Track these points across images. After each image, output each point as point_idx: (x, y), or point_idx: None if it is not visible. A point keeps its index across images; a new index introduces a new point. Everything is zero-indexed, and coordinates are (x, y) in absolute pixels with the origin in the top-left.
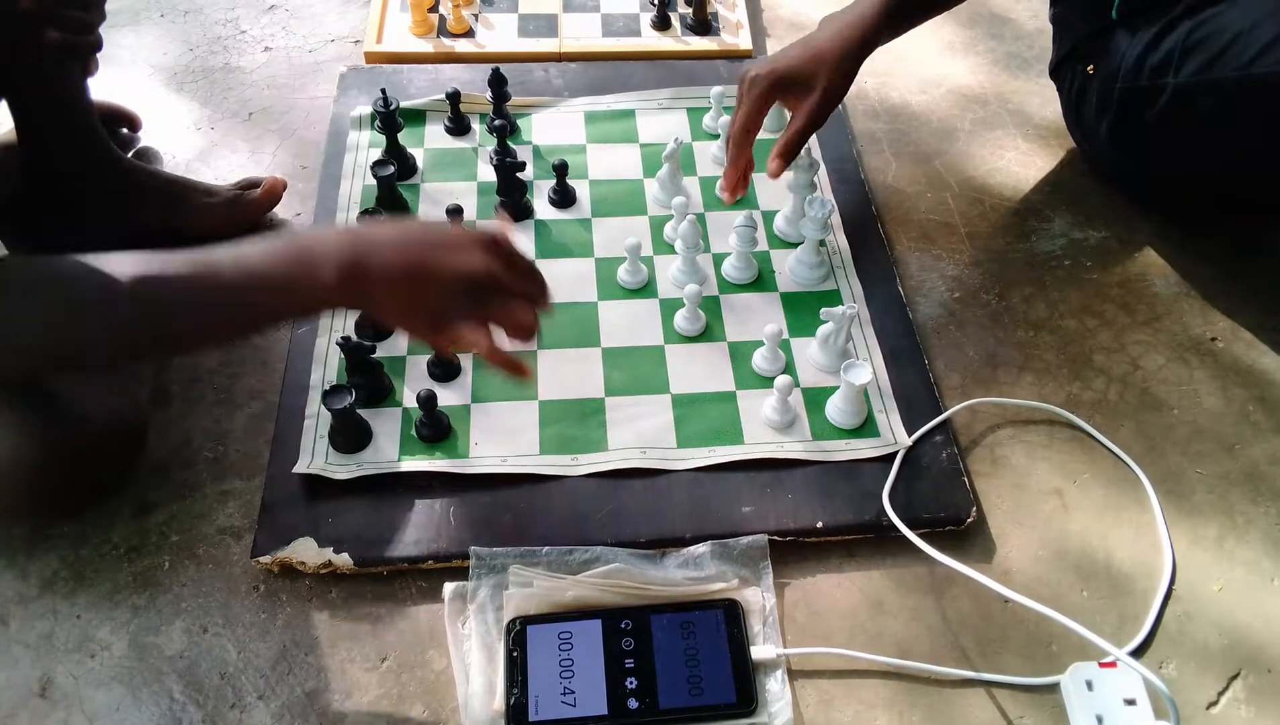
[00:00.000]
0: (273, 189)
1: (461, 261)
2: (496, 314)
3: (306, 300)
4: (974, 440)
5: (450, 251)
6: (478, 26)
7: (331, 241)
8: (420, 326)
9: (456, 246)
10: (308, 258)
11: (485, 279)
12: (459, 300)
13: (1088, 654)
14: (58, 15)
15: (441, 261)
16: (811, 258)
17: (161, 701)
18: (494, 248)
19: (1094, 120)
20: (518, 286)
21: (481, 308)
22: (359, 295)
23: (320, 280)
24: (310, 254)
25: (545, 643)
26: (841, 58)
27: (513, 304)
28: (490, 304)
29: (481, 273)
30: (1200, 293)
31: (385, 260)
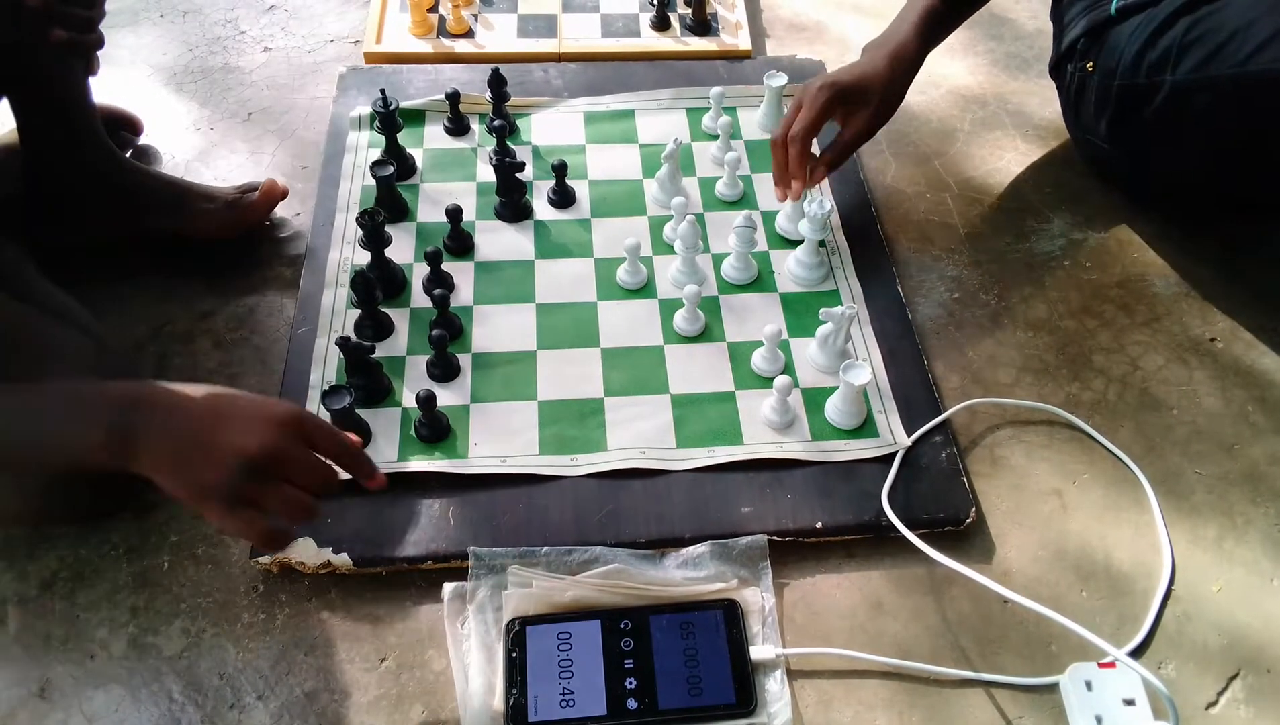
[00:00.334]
0: (270, 192)
1: (238, 441)
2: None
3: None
4: (973, 441)
5: (230, 428)
6: (477, 27)
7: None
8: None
9: (239, 422)
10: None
11: (262, 461)
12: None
13: (1087, 654)
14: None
15: (216, 439)
16: (811, 258)
17: (160, 702)
18: (288, 427)
19: (1093, 118)
20: (300, 473)
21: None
22: (126, 462)
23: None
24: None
25: (544, 643)
26: (894, 78)
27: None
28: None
29: (256, 454)
30: (1200, 293)
31: (156, 431)
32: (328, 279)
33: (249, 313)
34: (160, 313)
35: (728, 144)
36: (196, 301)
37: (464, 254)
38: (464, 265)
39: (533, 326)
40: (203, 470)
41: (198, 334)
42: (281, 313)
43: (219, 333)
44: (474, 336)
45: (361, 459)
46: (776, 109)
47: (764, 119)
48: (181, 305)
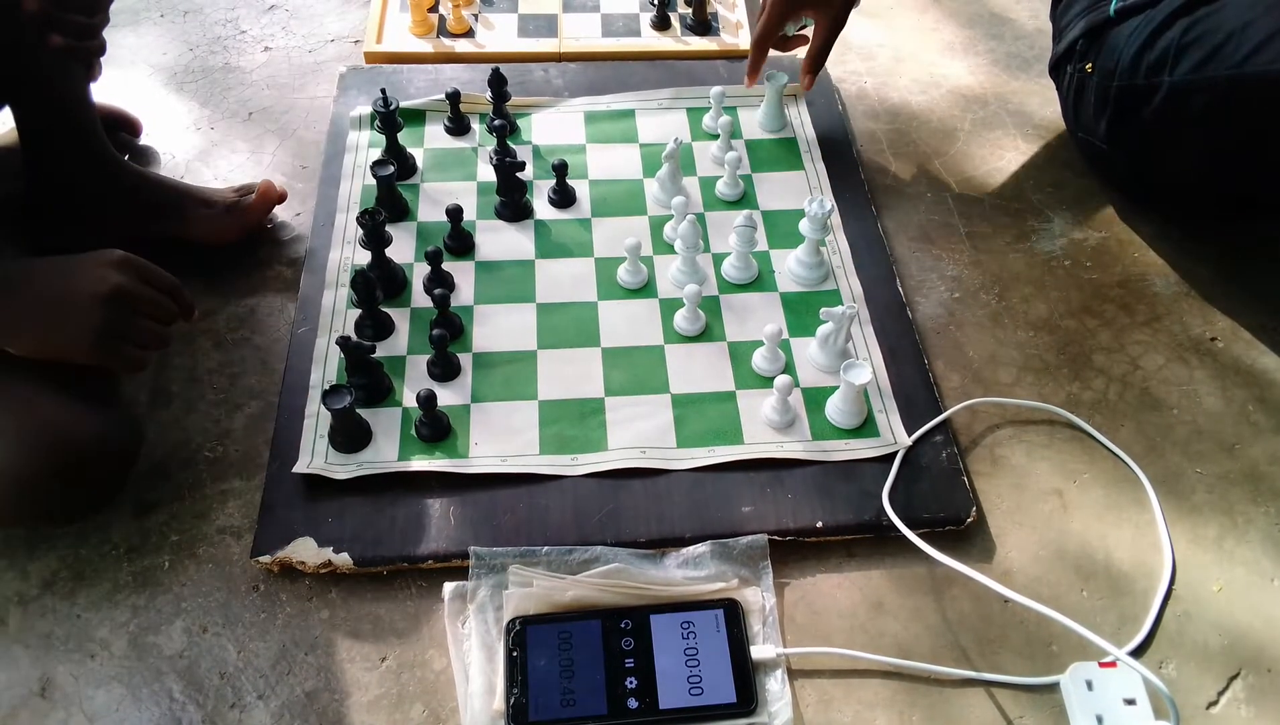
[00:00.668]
0: (266, 195)
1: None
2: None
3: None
4: (974, 440)
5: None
6: (477, 26)
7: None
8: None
9: (87, 273)
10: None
11: (120, 298)
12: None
13: (1088, 654)
14: (61, 19)
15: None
16: (811, 258)
17: (161, 701)
18: (126, 267)
19: (1092, 118)
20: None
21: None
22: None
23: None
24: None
25: (545, 642)
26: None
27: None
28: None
29: (113, 293)
30: (1200, 293)
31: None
32: (328, 279)
33: (249, 313)
34: None
35: (728, 143)
36: (196, 301)
37: (464, 254)
38: (464, 265)
39: (533, 326)
40: (74, 321)
41: (198, 334)
42: (282, 312)
43: (219, 333)
44: (474, 336)
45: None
46: (778, 108)
47: (765, 119)
48: None
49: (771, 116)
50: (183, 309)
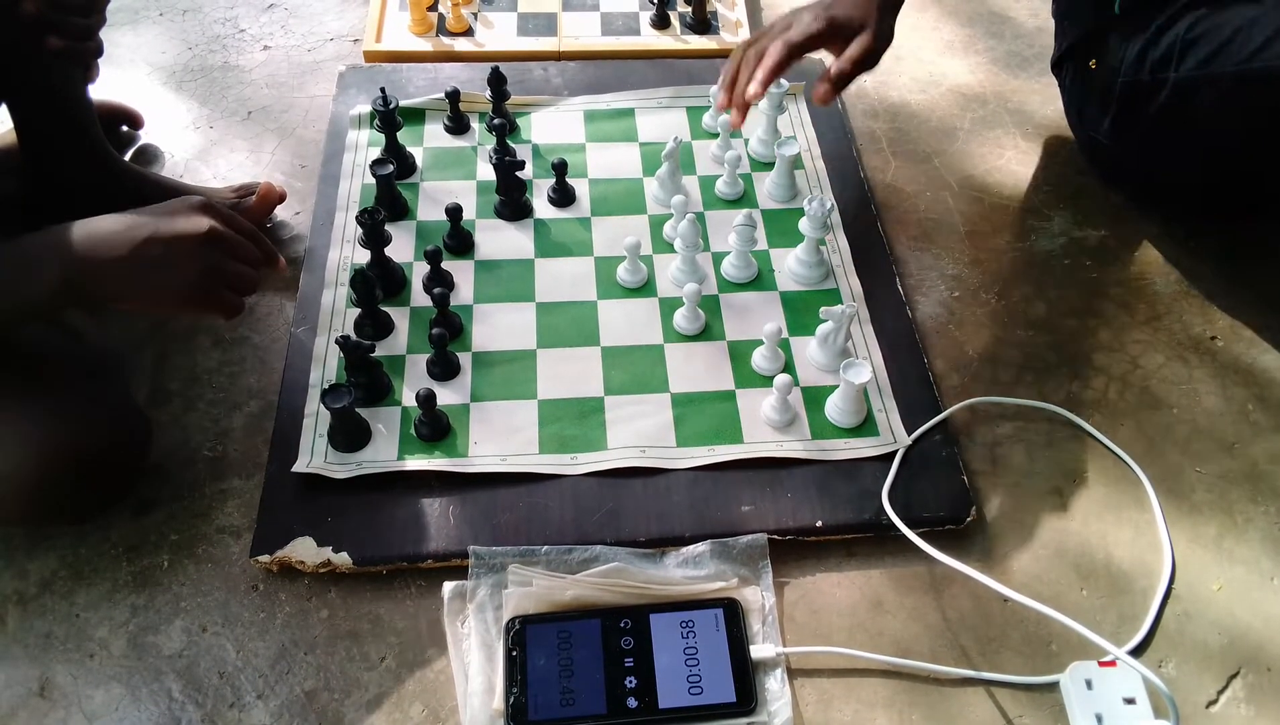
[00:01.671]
0: (266, 197)
1: (188, 228)
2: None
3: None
4: (973, 439)
5: (174, 225)
6: (477, 25)
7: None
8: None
9: (176, 219)
10: (24, 263)
11: (213, 239)
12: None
13: (1087, 653)
14: (59, 21)
15: (170, 231)
16: (811, 257)
17: (160, 701)
18: (210, 209)
19: (1096, 116)
20: (238, 247)
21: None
22: (92, 291)
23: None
24: (28, 259)
25: (544, 642)
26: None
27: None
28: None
29: (208, 235)
30: (1200, 292)
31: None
32: (328, 278)
33: (248, 311)
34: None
35: (728, 142)
36: None
37: (464, 253)
38: (464, 264)
39: (533, 325)
40: (177, 268)
41: (197, 332)
42: (281, 311)
43: (218, 331)
44: (474, 335)
45: (263, 239)
46: (789, 179)
47: (775, 189)
48: None
49: (783, 187)
50: (266, 255)
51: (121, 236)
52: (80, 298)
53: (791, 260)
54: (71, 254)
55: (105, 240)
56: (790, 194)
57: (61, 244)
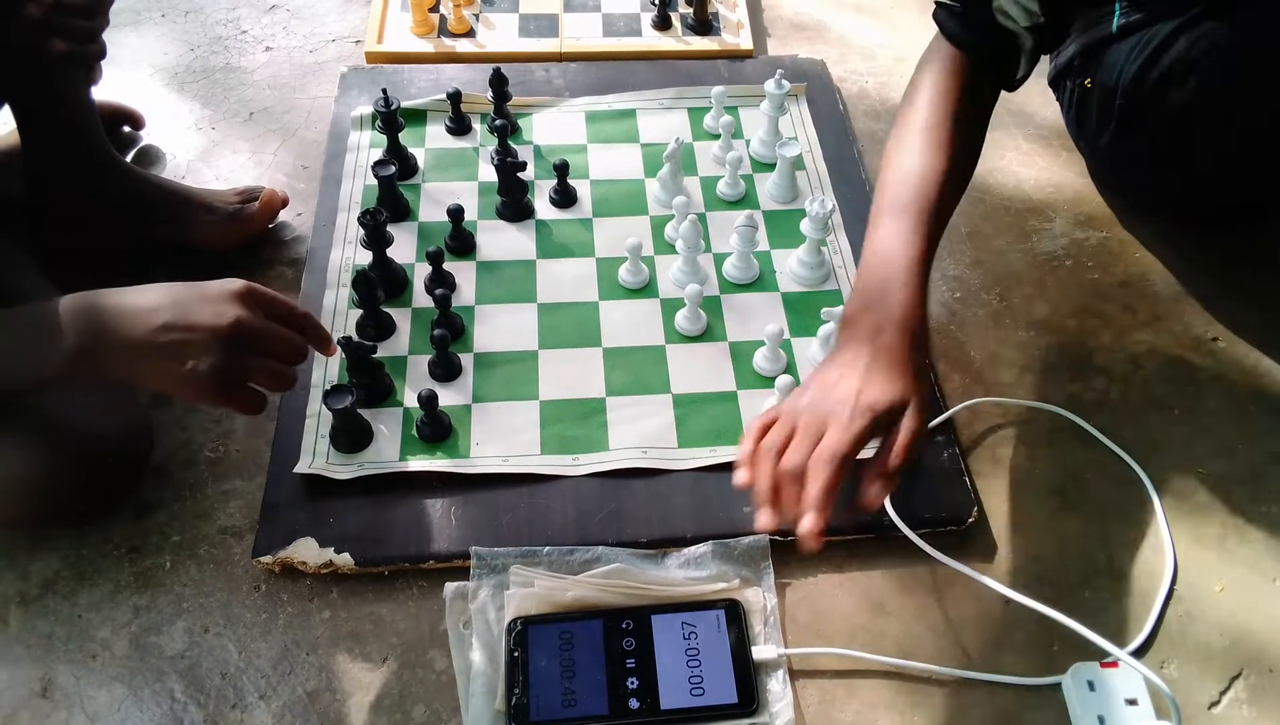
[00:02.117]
0: (270, 203)
1: (214, 321)
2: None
3: (36, 382)
4: (975, 440)
5: (200, 312)
6: (478, 26)
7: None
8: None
9: (205, 305)
10: (36, 338)
11: (239, 335)
12: (223, 358)
13: (1089, 654)
14: (62, 24)
15: (193, 321)
16: (812, 258)
17: (163, 701)
18: (247, 300)
19: (1095, 133)
20: (272, 342)
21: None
22: (101, 370)
23: (55, 359)
24: (40, 334)
25: (546, 643)
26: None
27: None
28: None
29: (232, 327)
30: (1202, 293)
31: (126, 333)
32: (329, 279)
33: None
34: None
35: (729, 143)
36: None
37: (465, 254)
38: (465, 265)
39: (534, 326)
40: (189, 357)
41: None
42: None
43: None
44: (475, 336)
45: (314, 324)
46: (790, 180)
47: (776, 190)
48: None
49: (784, 188)
50: (316, 342)
51: (141, 317)
52: (92, 374)
53: (793, 261)
54: (87, 328)
55: (124, 318)
56: (792, 195)
57: (78, 316)
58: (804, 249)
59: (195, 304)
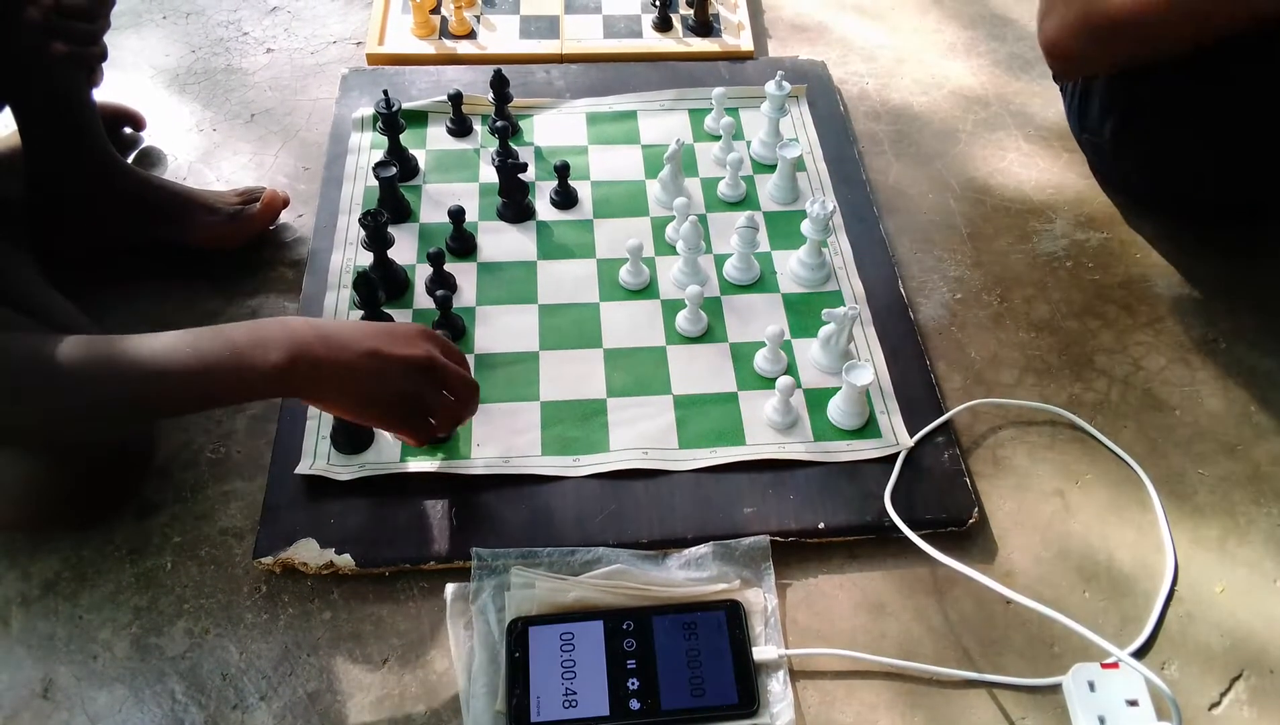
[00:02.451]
0: (271, 203)
1: (408, 351)
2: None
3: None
4: (976, 441)
5: (396, 342)
6: (479, 28)
7: (278, 333)
8: (374, 415)
9: (400, 340)
10: (253, 346)
11: (428, 369)
12: (411, 386)
13: (1090, 655)
14: (63, 26)
15: (391, 350)
16: (813, 259)
17: (163, 702)
18: (434, 341)
19: (1097, 122)
20: (452, 379)
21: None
22: (302, 385)
23: (260, 369)
24: (256, 342)
25: (547, 644)
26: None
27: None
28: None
29: (425, 359)
30: (1202, 293)
31: (333, 357)
32: (330, 280)
33: (251, 314)
34: (162, 314)
35: (730, 145)
36: (199, 303)
37: (466, 255)
38: (466, 266)
39: (535, 327)
40: (379, 385)
41: None
42: (284, 314)
43: None
44: (476, 337)
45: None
46: (790, 181)
47: (777, 191)
48: (184, 307)
49: (785, 189)
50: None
51: (349, 342)
52: (293, 388)
53: (794, 262)
54: (301, 343)
55: (333, 340)
56: (792, 196)
57: (293, 332)
58: (805, 250)
59: (396, 338)
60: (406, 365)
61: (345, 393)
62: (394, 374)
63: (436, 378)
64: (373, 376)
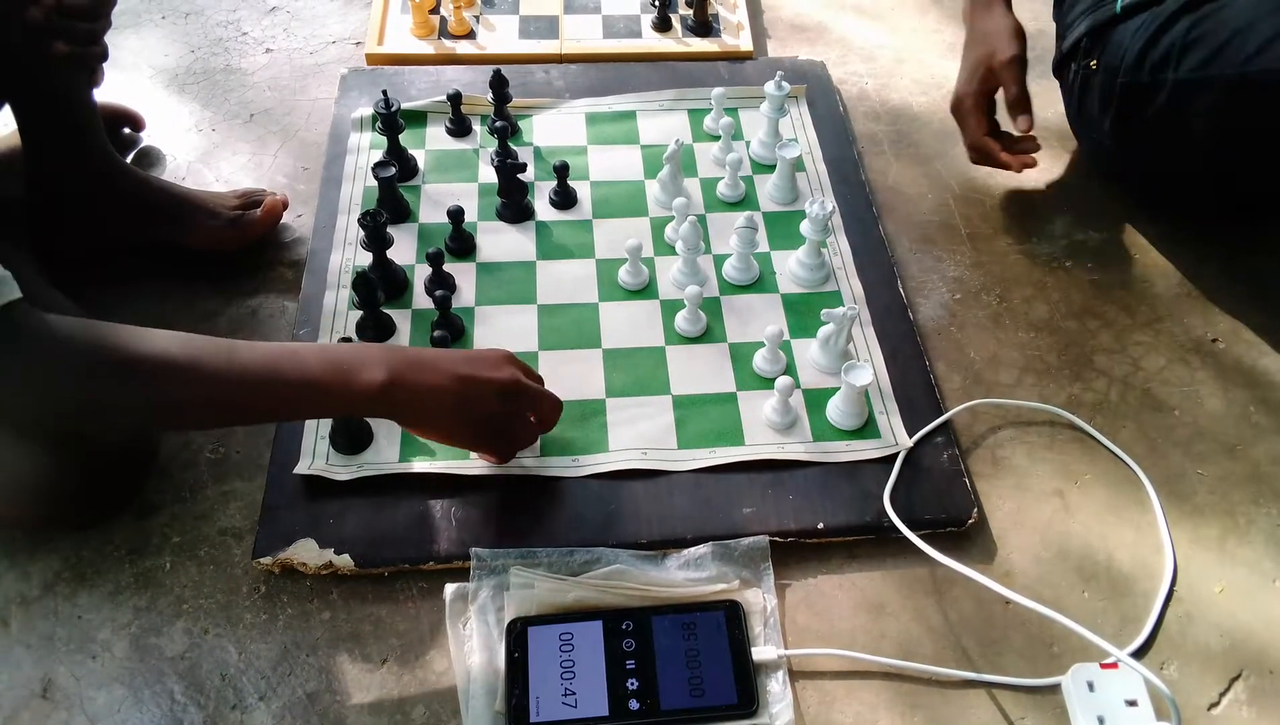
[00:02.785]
0: (273, 210)
1: (496, 374)
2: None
3: (346, 404)
4: (975, 441)
5: (484, 366)
6: (479, 28)
7: (378, 354)
8: (465, 435)
9: (487, 364)
10: (355, 364)
11: (514, 391)
12: (500, 407)
13: (1089, 655)
14: (64, 26)
15: (480, 374)
16: (812, 259)
17: (163, 702)
18: (515, 363)
19: (1096, 116)
20: (536, 400)
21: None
22: (398, 404)
23: (360, 386)
24: (358, 361)
25: (546, 644)
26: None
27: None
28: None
29: (512, 383)
30: (1201, 293)
31: (425, 380)
32: (329, 280)
33: (251, 314)
34: (161, 314)
35: (729, 145)
36: (198, 303)
37: (465, 255)
38: (465, 266)
39: (534, 327)
40: (470, 406)
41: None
42: (283, 314)
43: (221, 334)
44: (475, 337)
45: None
46: (790, 181)
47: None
48: (183, 306)
49: (784, 189)
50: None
51: (440, 366)
52: (390, 407)
53: (793, 262)
54: (397, 366)
55: (426, 365)
56: (792, 196)
57: (390, 356)
58: (804, 250)
59: (484, 364)
60: (495, 388)
61: (438, 414)
62: (483, 397)
63: (522, 400)
64: (463, 399)
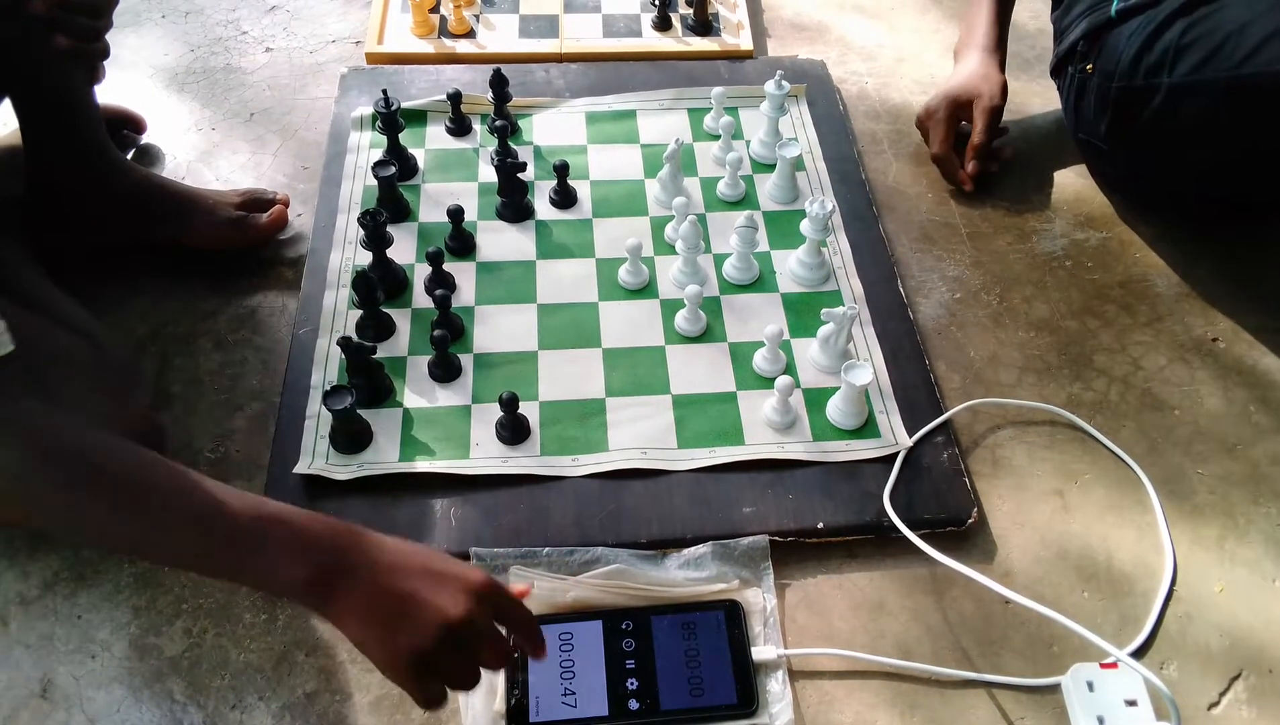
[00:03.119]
0: (278, 220)
1: (444, 606)
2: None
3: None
4: (975, 441)
5: (439, 592)
6: (479, 27)
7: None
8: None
9: (447, 588)
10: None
11: (462, 630)
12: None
13: (1089, 655)
14: (66, 21)
15: (423, 601)
16: (812, 258)
17: (162, 703)
18: (486, 597)
19: (1092, 120)
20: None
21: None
22: (322, 605)
23: (291, 578)
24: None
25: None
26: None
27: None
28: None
29: (459, 622)
30: (1201, 293)
31: (362, 582)
32: (329, 279)
33: (250, 314)
34: (161, 313)
35: (729, 144)
36: (198, 302)
37: (465, 254)
38: (465, 265)
39: (534, 327)
40: (404, 632)
41: (199, 334)
42: (283, 313)
43: (220, 333)
44: (475, 337)
45: (535, 630)
46: (790, 181)
47: (776, 191)
48: (183, 306)
49: (784, 189)
50: (530, 645)
51: (379, 575)
52: (311, 600)
53: (793, 262)
54: (325, 566)
55: (371, 567)
56: (792, 196)
57: (332, 542)
58: (804, 250)
59: (439, 583)
60: (437, 620)
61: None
62: (416, 626)
63: (464, 640)
64: (394, 620)
